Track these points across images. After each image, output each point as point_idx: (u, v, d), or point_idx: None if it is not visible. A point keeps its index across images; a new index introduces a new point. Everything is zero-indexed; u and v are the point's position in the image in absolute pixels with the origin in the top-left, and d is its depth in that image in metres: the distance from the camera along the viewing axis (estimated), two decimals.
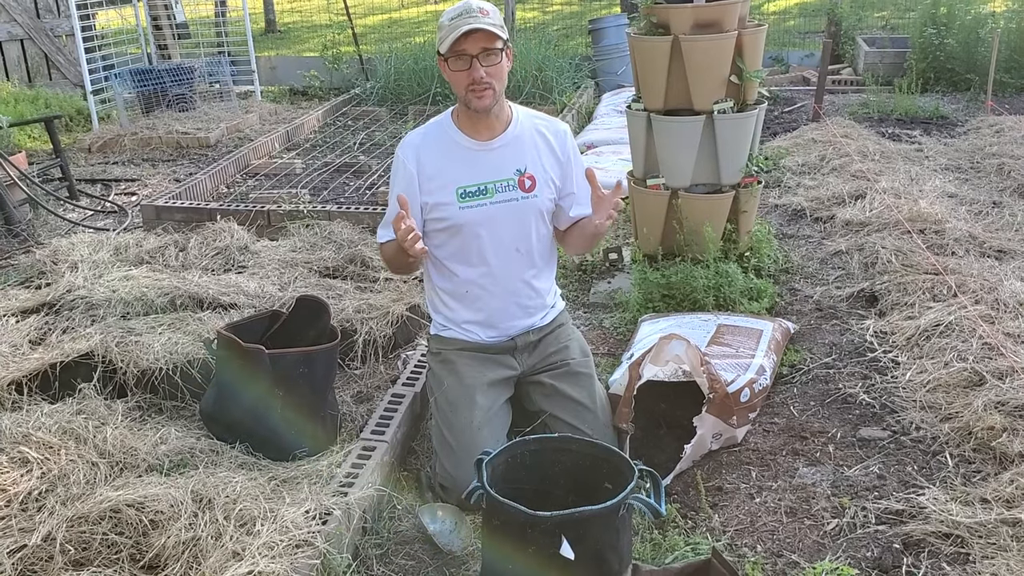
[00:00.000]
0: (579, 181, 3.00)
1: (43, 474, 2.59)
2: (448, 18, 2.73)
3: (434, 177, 2.85)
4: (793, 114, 8.05)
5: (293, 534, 2.35)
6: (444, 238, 2.90)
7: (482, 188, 2.86)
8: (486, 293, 2.94)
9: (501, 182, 2.87)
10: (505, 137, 2.89)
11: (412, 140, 2.92)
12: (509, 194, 2.88)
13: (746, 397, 3.06)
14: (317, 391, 3.01)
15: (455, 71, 2.74)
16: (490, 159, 2.87)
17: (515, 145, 2.90)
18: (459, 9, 2.73)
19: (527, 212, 2.91)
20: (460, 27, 2.67)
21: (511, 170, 2.88)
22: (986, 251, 4.44)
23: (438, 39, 2.77)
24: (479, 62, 2.71)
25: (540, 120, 3.00)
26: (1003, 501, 2.57)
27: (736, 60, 3.96)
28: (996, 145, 6.29)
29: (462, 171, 2.85)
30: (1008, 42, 8.37)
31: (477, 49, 2.70)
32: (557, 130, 2.99)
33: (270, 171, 6.50)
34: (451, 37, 2.68)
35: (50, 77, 10.28)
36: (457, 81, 2.76)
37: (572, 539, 2.20)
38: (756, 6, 14.30)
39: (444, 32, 2.72)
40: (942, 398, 3.15)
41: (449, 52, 2.71)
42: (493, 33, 2.70)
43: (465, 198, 2.84)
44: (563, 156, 2.98)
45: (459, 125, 2.89)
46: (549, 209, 2.98)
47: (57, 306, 3.77)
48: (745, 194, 4.18)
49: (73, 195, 6.23)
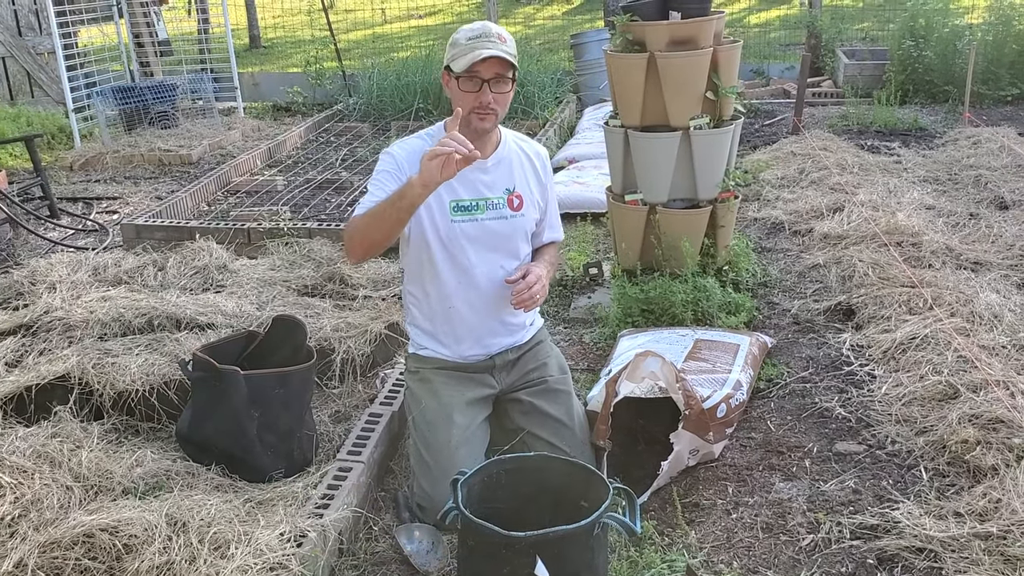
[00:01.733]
0: (551, 205, 3.08)
1: (16, 499, 2.57)
2: (465, 37, 2.72)
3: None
4: (773, 127, 8.10)
5: (267, 557, 2.34)
6: (431, 252, 2.89)
7: (474, 204, 2.87)
8: (471, 310, 2.94)
9: (492, 199, 2.89)
10: (496, 156, 2.91)
11: (410, 145, 2.87)
12: (498, 212, 2.90)
13: (723, 412, 3.07)
14: (293, 411, 3.01)
15: (464, 91, 2.73)
16: (483, 176, 2.88)
17: (504, 165, 2.92)
18: (478, 31, 2.73)
19: (514, 230, 2.94)
20: (479, 51, 2.67)
21: (501, 188, 2.91)
22: (962, 263, 4.48)
23: (449, 54, 2.75)
24: (490, 87, 2.72)
25: (523, 142, 3.04)
26: (976, 515, 2.59)
27: (712, 76, 3.99)
28: (973, 157, 6.35)
29: (456, 185, 2.83)
30: (985, 54, 8.45)
31: (491, 74, 2.71)
32: (538, 152, 3.04)
33: (252, 188, 6.49)
34: (468, 58, 2.68)
35: (32, 95, 10.25)
36: (463, 100, 2.74)
37: (547, 559, 2.20)
38: (737, 19, 14.40)
39: (459, 50, 2.71)
40: (917, 411, 3.17)
41: (462, 72, 2.71)
42: (508, 62, 2.71)
43: (457, 212, 2.85)
44: (545, 178, 3.04)
45: None
46: (532, 230, 3.02)
47: (34, 328, 3.75)
48: (722, 209, 4.21)
49: (54, 214, 6.21)
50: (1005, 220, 5.09)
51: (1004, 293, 4.04)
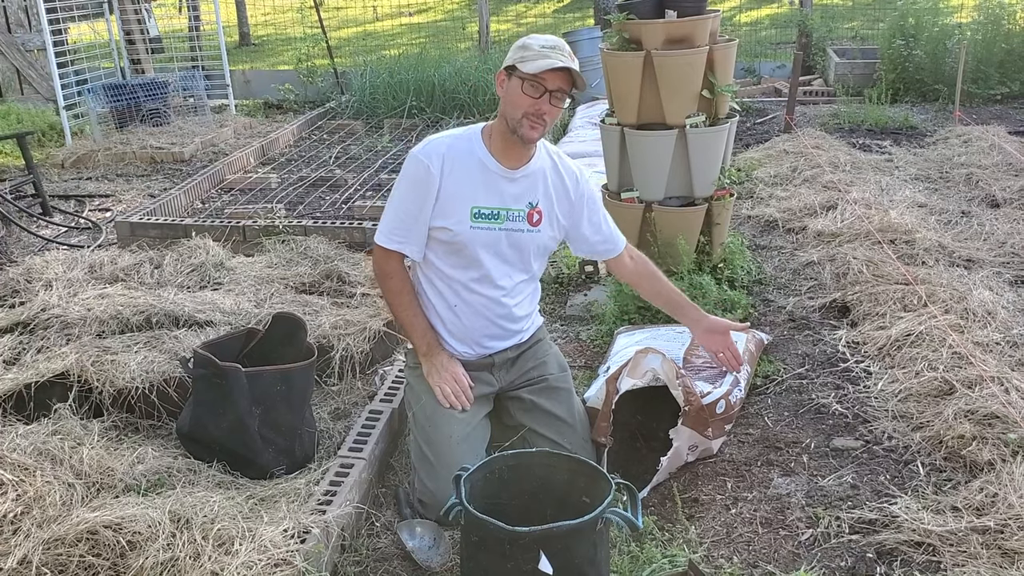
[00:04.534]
0: (591, 219, 3.07)
1: (18, 496, 2.57)
2: (539, 44, 2.73)
3: (453, 190, 2.83)
4: (765, 125, 8.14)
5: (272, 553, 2.35)
6: (445, 251, 2.90)
7: (495, 213, 2.87)
8: (472, 312, 2.95)
9: (513, 211, 2.89)
10: (527, 168, 2.90)
11: (436, 148, 2.86)
12: (517, 224, 2.90)
13: (721, 409, 3.10)
14: (294, 409, 3.02)
15: (524, 94, 2.74)
16: (509, 187, 2.88)
17: (533, 178, 2.92)
18: (552, 42, 2.75)
19: (529, 244, 2.95)
20: (553, 60, 2.69)
21: (524, 202, 2.91)
22: (955, 261, 4.52)
23: (517, 56, 2.75)
24: (550, 98, 2.74)
25: (560, 159, 3.03)
26: (973, 509, 2.62)
27: (708, 75, 4.01)
28: (964, 155, 6.39)
29: (481, 192, 2.85)
30: (975, 53, 8.50)
31: (555, 86, 2.73)
32: (572, 172, 3.02)
33: (245, 186, 6.48)
34: (541, 63, 2.69)
35: (22, 92, 10.21)
36: (519, 104, 2.75)
37: (551, 554, 2.22)
38: (728, 17, 14.44)
39: (531, 54, 2.72)
40: (913, 407, 3.20)
41: (529, 75, 2.72)
42: (574, 79, 2.75)
43: (478, 218, 2.85)
44: (575, 196, 3.01)
45: (489, 146, 2.87)
46: (549, 247, 3.04)
47: (31, 325, 3.74)
48: (718, 206, 4.23)
49: (46, 211, 6.19)
50: (996, 218, 5.13)
51: (997, 290, 4.08)
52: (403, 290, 2.94)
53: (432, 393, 2.92)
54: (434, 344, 2.94)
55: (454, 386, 2.90)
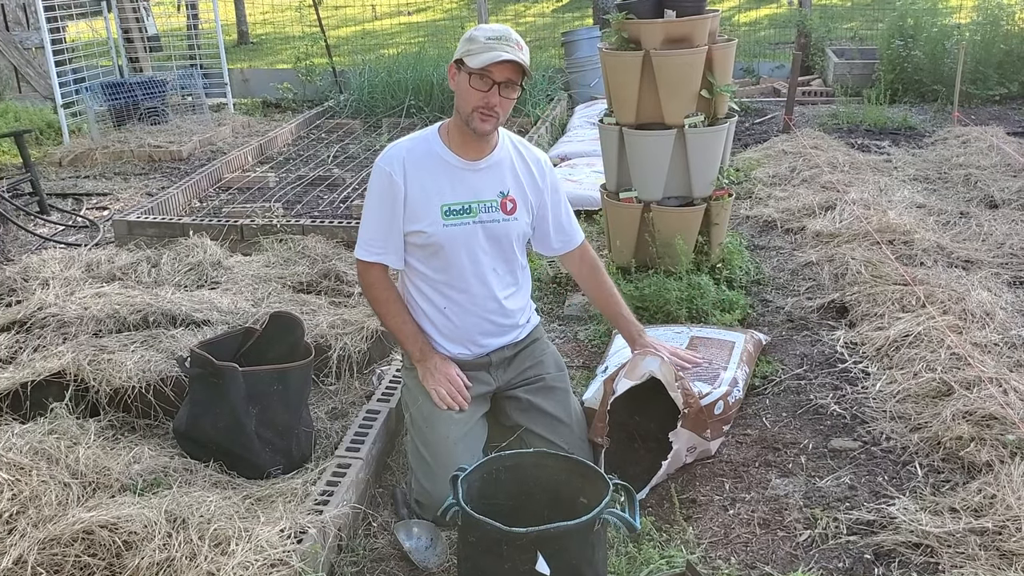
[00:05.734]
0: (554, 211, 3.07)
1: (14, 496, 2.56)
2: (485, 36, 2.72)
3: (419, 193, 2.83)
4: (764, 125, 8.13)
5: (268, 553, 2.34)
6: (424, 255, 2.90)
7: (466, 207, 2.86)
8: (462, 311, 2.95)
9: (484, 203, 2.88)
10: (491, 159, 2.90)
11: (396, 153, 2.88)
12: (491, 215, 2.89)
13: (720, 410, 3.09)
14: (291, 408, 3.01)
15: (473, 88, 2.73)
16: (475, 179, 2.88)
17: (498, 167, 2.92)
18: (498, 32, 2.73)
19: (507, 234, 2.94)
20: (498, 52, 2.68)
21: (495, 191, 2.90)
22: (954, 261, 4.51)
23: (464, 49, 2.75)
24: (499, 90, 2.73)
25: (523, 147, 3.03)
26: (971, 510, 2.61)
27: (707, 75, 4.01)
28: (963, 156, 6.39)
29: (447, 189, 2.84)
30: (973, 54, 8.50)
31: (503, 77, 2.72)
32: (537, 158, 3.03)
33: (243, 185, 6.48)
34: (485, 56, 2.68)
35: (20, 90, 10.19)
36: (469, 98, 2.75)
37: (548, 555, 2.22)
38: (727, 17, 14.44)
39: (477, 47, 2.71)
40: (911, 408, 3.20)
41: (475, 69, 2.71)
42: (522, 68, 2.74)
43: (449, 216, 2.84)
44: (542, 183, 3.02)
45: (447, 142, 2.88)
46: (527, 233, 3.03)
47: (28, 324, 3.73)
48: (716, 207, 4.23)
49: (44, 210, 6.18)
50: (995, 219, 5.13)
51: (995, 291, 4.07)
52: (389, 299, 2.95)
53: (429, 394, 2.92)
54: (426, 348, 2.94)
55: (449, 387, 2.89)
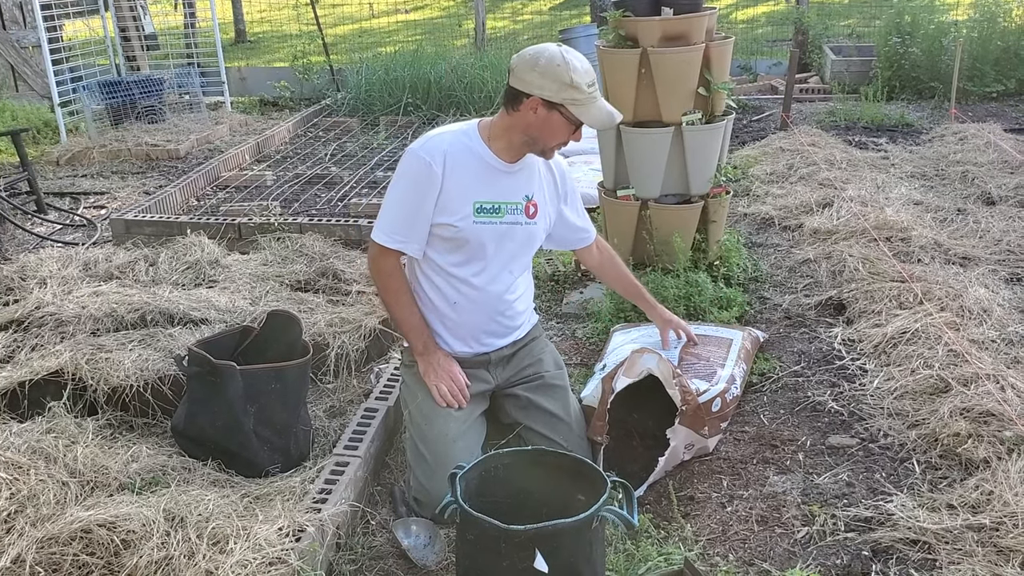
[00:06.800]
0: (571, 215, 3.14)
1: (12, 495, 2.56)
2: (585, 83, 2.71)
3: (455, 187, 2.81)
4: (761, 123, 8.14)
5: (267, 552, 2.35)
6: (447, 247, 2.88)
7: (496, 207, 2.87)
8: (472, 307, 2.95)
9: (511, 204, 2.90)
10: (523, 162, 2.92)
11: (438, 145, 2.82)
12: (515, 217, 2.91)
13: (717, 407, 3.09)
14: (289, 407, 3.01)
15: (562, 130, 2.77)
16: (508, 181, 2.89)
17: (527, 171, 2.94)
18: (591, 74, 2.75)
19: (526, 237, 2.96)
20: (610, 108, 2.79)
21: (521, 195, 2.92)
22: (951, 258, 4.52)
23: (567, 95, 2.69)
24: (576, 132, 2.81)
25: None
26: (968, 507, 2.62)
27: (704, 72, 4.01)
28: (960, 152, 6.39)
29: (482, 187, 2.85)
30: (970, 51, 8.50)
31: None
32: (557, 163, 3.05)
33: (241, 183, 6.47)
34: (601, 118, 2.78)
35: (16, 89, 10.18)
36: (555, 135, 2.79)
37: (546, 552, 2.22)
38: (724, 15, 14.44)
39: (583, 97, 2.71)
40: (909, 405, 3.20)
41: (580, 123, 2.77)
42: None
43: (480, 213, 2.85)
44: (561, 189, 3.06)
45: (488, 142, 2.86)
46: (541, 239, 3.06)
47: (26, 323, 3.73)
48: (714, 204, 4.23)
49: (41, 209, 6.17)
50: (992, 215, 5.13)
51: (993, 288, 4.08)
52: (401, 289, 2.93)
53: (428, 391, 2.92)
54: (430, 343, 2.94)
55: (451, 385, 2.89)
